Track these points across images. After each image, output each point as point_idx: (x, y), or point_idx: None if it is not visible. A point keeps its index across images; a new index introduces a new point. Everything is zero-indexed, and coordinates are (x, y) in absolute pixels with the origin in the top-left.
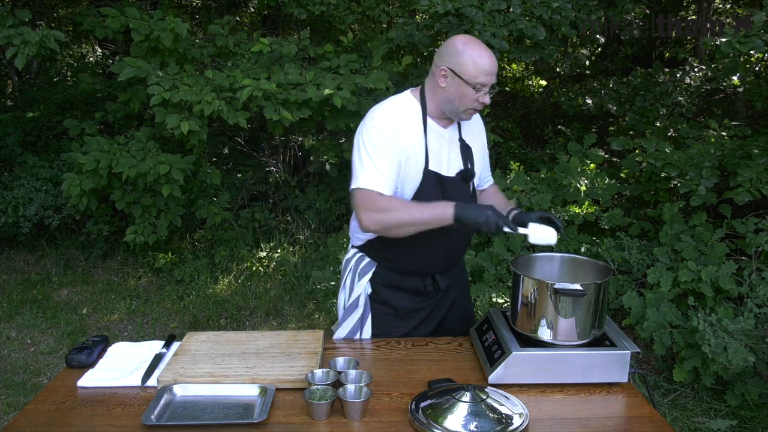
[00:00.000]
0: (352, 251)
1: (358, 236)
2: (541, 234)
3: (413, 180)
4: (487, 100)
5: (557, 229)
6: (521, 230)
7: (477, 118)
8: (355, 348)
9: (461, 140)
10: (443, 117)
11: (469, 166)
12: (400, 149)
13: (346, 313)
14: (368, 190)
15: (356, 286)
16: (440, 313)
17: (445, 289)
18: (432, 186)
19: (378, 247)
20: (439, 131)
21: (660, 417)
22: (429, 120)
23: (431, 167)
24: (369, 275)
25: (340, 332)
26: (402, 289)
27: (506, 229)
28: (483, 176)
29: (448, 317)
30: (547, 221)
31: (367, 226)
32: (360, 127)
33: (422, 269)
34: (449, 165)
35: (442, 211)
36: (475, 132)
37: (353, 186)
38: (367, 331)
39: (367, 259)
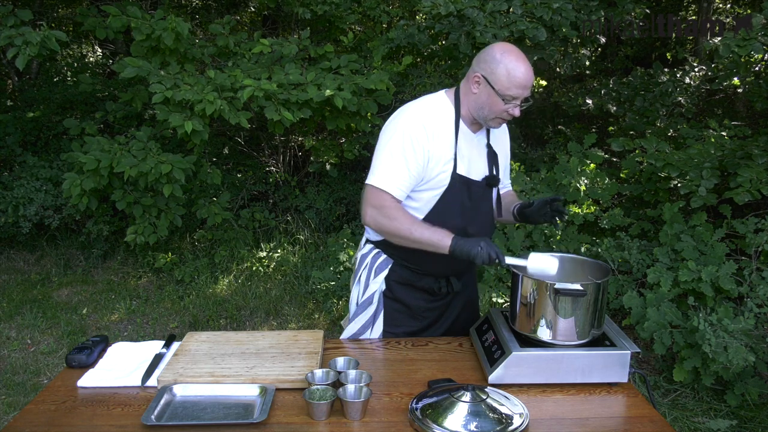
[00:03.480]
0: (368, 247)
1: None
2: (539, 264)
3: (441, 182)
4: (516, 112)
5: (561, 216)
6: (519, 261)
7: (504, 126)
8: (355, 348)
9: (488, 146)
10: (474, 122)
11: (495, 172)
12: (425, 152)
13: (360, 308)
14: (380, 189)
15: (372, 283)
16: (452, 314)
17: (457, 291)
18: (459, 190)
19: (396, 246)
20: (469, 135)
21: (660, 417)
22: (461, 123)
23: (459, 171)
24: (385, 272)
25: (352, 327)
26: (416, 288)
27: (507, 262)
28: (503, 182)
29: (459, 319)
30: (552, 204)
31: (367, 222)
32: (389, 122)
33: (439, 271)
34: (477, 170)
35: (440, 239)
36: (501, 139)
37: (369, 181)
38: (378, 328)
39: (383, 256)
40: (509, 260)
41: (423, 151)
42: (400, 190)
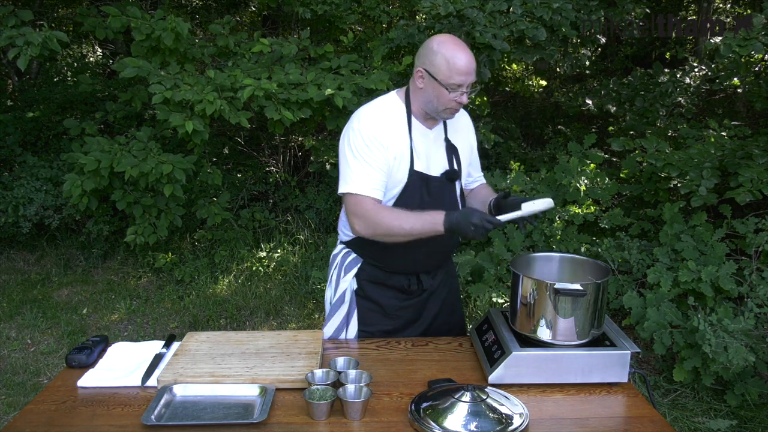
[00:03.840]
0: (339, 247)
1: (345, 232)
2: (534, 207)
3: (399, 180)
4: (464, 99)
5: (534, 217)
6: (515, 214)
7: (464, 118)
8: (355, 348)
9: (447, 140)
10: (428, 117)
11: (455, 166)
12: (385, 148)
13: (333, 308)
14: (359, 195)
15: (342, 282)
16: (430, 315)
17: (431, 290)
18: (417, 186)
19: (364, 245)
20: (424, 131)
21: (660, 417)
22: (414, 120)
23: (416, 168)
24: (354, 270)
25: (328, 329)
26: (387, 286)
27: (502, 219)
28: (472, 175)
29: (437, 319)
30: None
31: (358, 231)
32: (345, 130)
33: (408, 269)
34: (435, 165)
35: (433, 221)
36: (462, 131)
37: (343, 190)
38: (353, 328)
39: (353, 255)
40: (504, 218)
41: (383, 147)
42: (377, 190)
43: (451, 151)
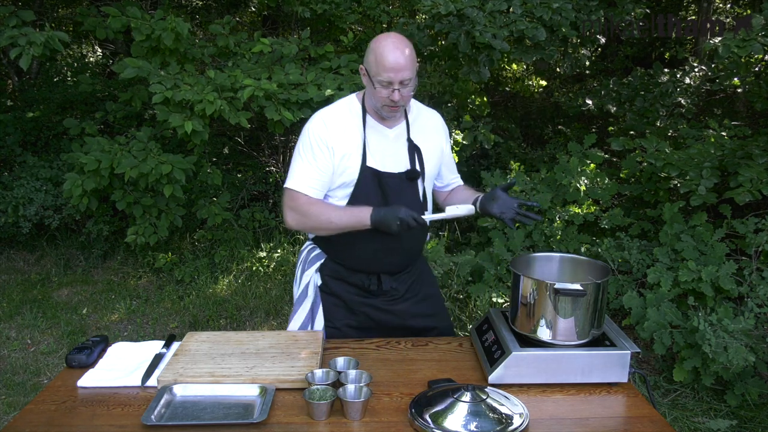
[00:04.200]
0: (306, 243)
1: None
2: (458, 212)
3: (350, 176)
4: (395, 96)
5: (532, 219)
6: (438, 215)
7: (433, 119)
8: (355, 348)
9: (409, 140)
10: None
11: (417, 166)
12: (329, 148)
13: (297, 303)
14: (294, 190)
15: (304, 276)
16: (400, 317)
17: (398, 294)
18: (369, 182)
19: (329, 242)
20: (381, 130)
21: (660, 417)
22: (370, 119)
23: (369, 164)
24: (317, 265)
25: (293, 325)
26: (348, 283)
27: (427, 218)
28: (444, 177)
29: (411, 323)
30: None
31: (289, 223)
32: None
33: (368, 268)
34: (394, 163)
35: (360, 215)
36: (428, 132)
37: (285, 185)
38: (318, 323)
39: (317, 251)
40: (429, 217)
41: (326, 146)
42: (313, 188)
43: (414, 150)
